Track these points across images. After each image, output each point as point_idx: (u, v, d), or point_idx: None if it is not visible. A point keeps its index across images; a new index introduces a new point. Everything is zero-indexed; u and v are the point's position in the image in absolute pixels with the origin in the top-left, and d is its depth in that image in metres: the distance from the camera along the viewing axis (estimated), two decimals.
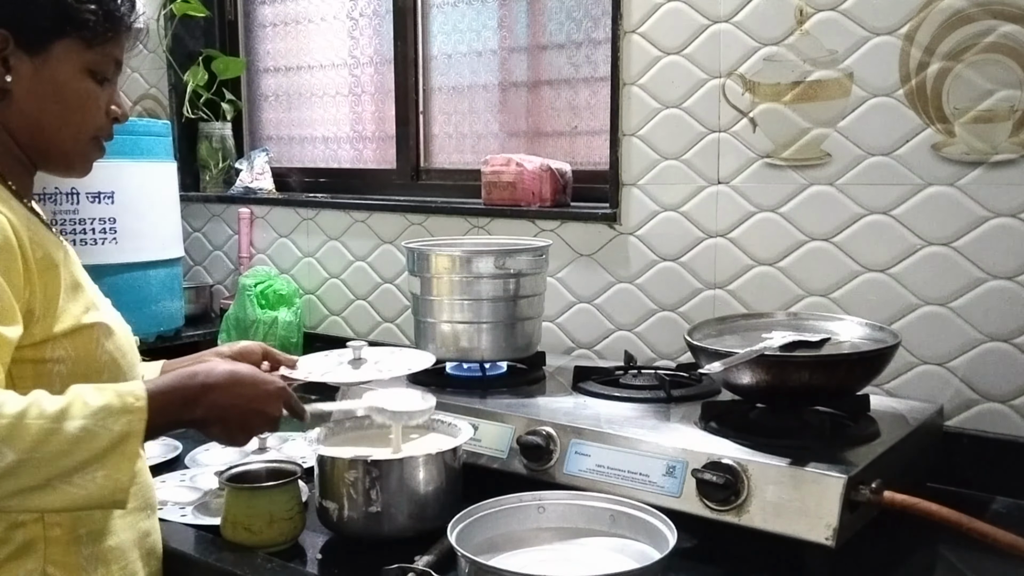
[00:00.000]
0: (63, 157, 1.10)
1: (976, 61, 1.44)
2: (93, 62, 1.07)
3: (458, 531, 1.09)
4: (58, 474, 0.90)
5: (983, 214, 1.46)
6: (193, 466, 1.57)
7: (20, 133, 1.06)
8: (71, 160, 1.11)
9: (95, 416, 0.92)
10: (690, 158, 1.73)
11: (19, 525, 1.01)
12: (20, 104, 1.04)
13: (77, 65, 1.06)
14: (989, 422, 1.48)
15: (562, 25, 2.07)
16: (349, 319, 2.32)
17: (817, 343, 1.34)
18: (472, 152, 2.26)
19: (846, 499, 1.10)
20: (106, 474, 0.92)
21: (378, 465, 1.22)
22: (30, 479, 0.89)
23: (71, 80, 1.06)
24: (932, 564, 1.25)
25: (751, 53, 1.64)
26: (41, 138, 1.07)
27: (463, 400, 1.47)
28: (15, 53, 1.03)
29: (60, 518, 1.03)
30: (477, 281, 1.55)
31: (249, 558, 1.21)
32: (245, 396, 1.08)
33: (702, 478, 1.17)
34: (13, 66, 1.03)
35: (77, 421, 0.91)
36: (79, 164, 1.12)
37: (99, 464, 0.92)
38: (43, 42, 1.03)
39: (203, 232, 2.63)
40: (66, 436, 0.90)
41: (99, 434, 0.92)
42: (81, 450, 0.91)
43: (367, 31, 2.45)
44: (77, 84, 1.07)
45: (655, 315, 1.81)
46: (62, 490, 0.90)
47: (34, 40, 1.03)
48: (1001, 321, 1.46)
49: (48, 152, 1.09)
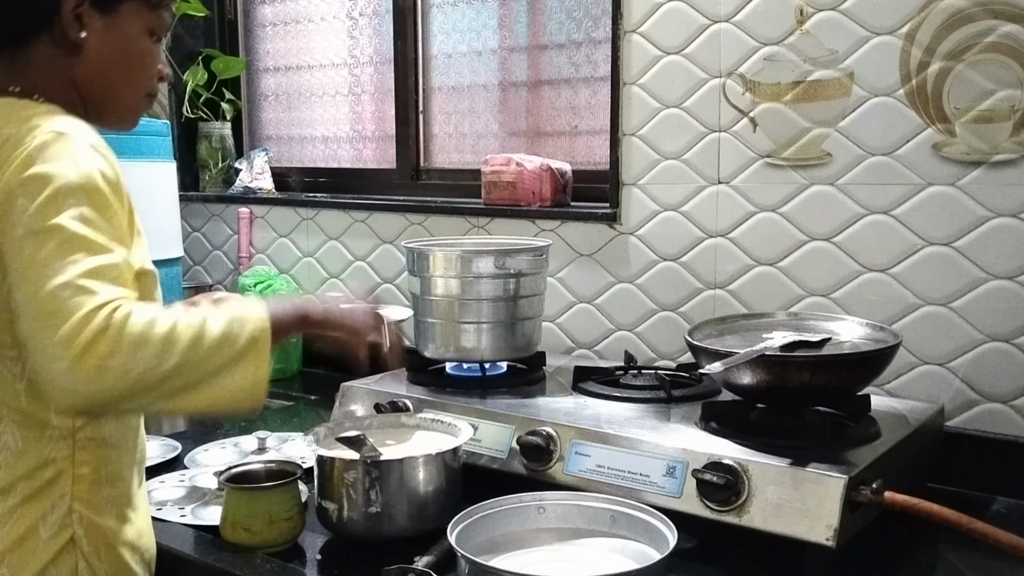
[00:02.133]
0: (122, 110, 1.17)
1: (977, 61, 1.44)
2: (153, 23, 1.14)
3: (458, 531, 1.09)
4: (208, 373, 0.97)
5: (984, 214, 1.46)
6: (193, 466, 1.57)
7: (86, 87, 1.11)
8: (128, 114, 1.18)
9: (230, 323, 0.99)
10: (690, 158, 1.73)
11: (49, 462, 1.05)
12: (90, 59, 1.10)
13: (141, 25, 1.13)
14: (990, 422, 1.48)
15: (562, 25, 2.07)
16: None
17: (818, 343, 1.34)
18: (472, 152, 2.25)
19: (847, 499, 1.10)
20: (245, 374, 0.99)
21: (378, 465, 1.21)
22: (186, 380, 0.96)
23: (136, 39, 1.13)
24: (933, 564, 1.25)
25: (751, 53, 1.64)
26: (105, 92, 1.13)
27: (463, 400, 1.47)
28: (88, 11, 1.09)
29: (88, 457, 1.07)
30: (477, 281, 1.55)
31: (248, 559, 1.21)
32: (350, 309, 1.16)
33: (702, 478, 1.17)
34: (86, 23, 1.09)
35: (218, 326, 0.98)
36: (133, 118, 1.20)
37: (239, 364, 0.99)
38: (115, 2, 1.10)
39: (203, 232, 2.63)
40: (212, 339, 0.97)
41: (238, 336, 0.99)
42: (224, 352, 0.98)
43: (367, 31, 2.45)
44: (141, 43, 1.14)
45: (655, 315, 1.81)
46: (210, 389, 0.97)
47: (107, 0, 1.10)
48: (1002, 321, 1.46)
49: (108, 105, 1.14)
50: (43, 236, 0.94)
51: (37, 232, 0.94)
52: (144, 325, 0.93)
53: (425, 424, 1.39)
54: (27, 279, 0.93)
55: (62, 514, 1.06)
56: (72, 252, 0.93)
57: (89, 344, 0.90)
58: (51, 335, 0.90)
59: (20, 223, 0.94)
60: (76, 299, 0.91)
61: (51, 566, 1.05)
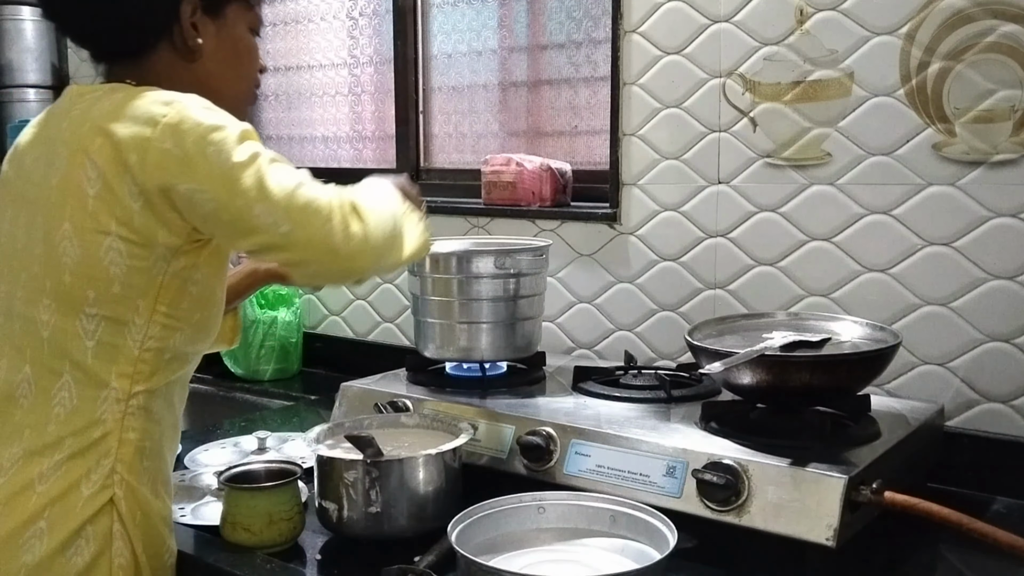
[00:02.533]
0: (235, 102, 1.23)
1: (976, 61, 1.44)
2: (253, 20, 1.26)
3: (458, 531, 1.09)
4: (406, 226, 1.21)
5: (984, 214, 1.46)
6: (193, 466, 1.57)
7: (204, 85, 1.18)
8: (241, 104, 1.26)
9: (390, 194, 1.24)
10: (690, 158, 1.73)
11: (100, 422, 1.09)
12: (207, 61, 1.19)
13: (244, 24, 1.24)
14: (990, 422, 1.48)
15: (562, 25, 2.07)
16: (349, 319, 2.32)
17: (818, 343, 1.34)
18: (472, 152, 2.25)
19: (847, 499, 1.10)
20: (421, 229, 1.24)
21: (378, 465, 1.21)
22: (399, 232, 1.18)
23: (242, 37, 1.24)
24: (933, 564, 1.25)
25: (751, 53, 1.64)
26: (221, 88, 1.21)
27: (463, 400, 1.47)
28: (202, 19, 1.18)
29: (136, 424, 1.11)
30: (477, 281, 1.55)
31: (248, 558, 1.21)
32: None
33: (702, 478, 1.17)
34: (201, 30, 1.18)
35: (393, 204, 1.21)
36: (245, 108, 1.27)
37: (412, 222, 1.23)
38: (221, 5, 1.20)
39: None
40: (392, 210, 1.19)
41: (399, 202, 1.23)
42: (405, 218, 1.22)
43: (367, 31, 2.45)
44: (246, 40, 1.25)
45: (655, 315, 1.81)
46: (409, 239, 1.20)
47: (215, 4, 1.20)
48: (1002, 321, 1.46)
49: (224, 100, 1.17)
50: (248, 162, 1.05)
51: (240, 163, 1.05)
52: (364, 199, 1.14)
53: (425, 424, 1.39)
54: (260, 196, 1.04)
55: (104, 474, 1.08)
56: (279, 162, 1.09)
57: (349, 218, 1.09)
58: (318, 222, 1.06)
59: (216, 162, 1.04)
60: (316, 190, 1.08)
61: (88, 524, 1.07)
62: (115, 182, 1.04)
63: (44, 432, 1.07)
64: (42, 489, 1.06)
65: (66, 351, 1.08)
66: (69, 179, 1.06)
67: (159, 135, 1.03)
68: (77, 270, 1.06)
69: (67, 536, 1.05)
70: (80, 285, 1.06)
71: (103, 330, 1.07)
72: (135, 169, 1.03)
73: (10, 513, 1.05)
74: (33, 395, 1.09)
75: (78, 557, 1.06)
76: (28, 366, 1.09)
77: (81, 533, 1.06)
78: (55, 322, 1.08)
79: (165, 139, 1.03)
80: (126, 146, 1.03)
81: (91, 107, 1.09)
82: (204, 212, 1.05)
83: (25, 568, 1.04)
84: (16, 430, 1.08)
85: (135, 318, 1.08)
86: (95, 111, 1.08)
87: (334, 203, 1.09)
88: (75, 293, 1.06)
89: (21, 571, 1.04)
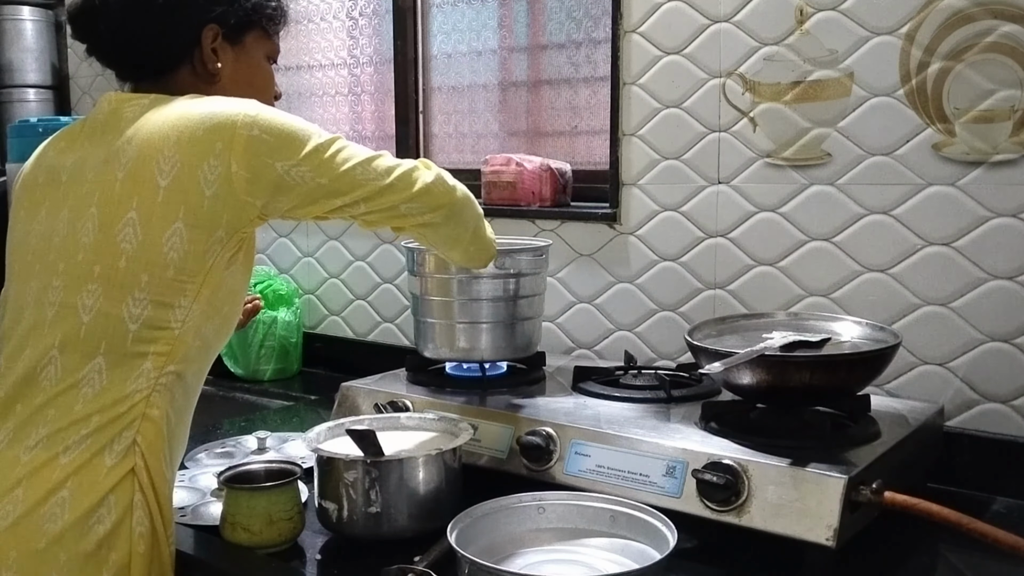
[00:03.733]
0: None
1: (976, 61, 1.44)
2: (270, 49, 1.31)
3: (458, 532, 1.09)
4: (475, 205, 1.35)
5: (983, 214, 1.46)
6: (193, 466, 1.57)
7: None
8: None
9: None
10: (690, 158, 1.73)
11: (126, 398, 1.10)
12: (225, 85, 1.24)
13: (262, 52, 1.30)
14: (990, 422, 1.48)
15: (562, 25, 2.07)
16: (349, 319, 2.32)
17: (818, 343, 1.34)
18: (472, 152, 2.25)
19: (847, 499, 1.10)
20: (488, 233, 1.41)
21: (378, 465, 1.22)
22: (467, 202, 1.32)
23: (260, 65, 1.30)
24: (933, 565, 1.25)
25: (751, 53, 1.64)
26: None
27: (463, 400, 1.47)
28: (222, 45, 1.24)
29: (159, 401, 1.13)
30: (477, 281, 1.55)
31: (248, 559, 1.21)
32: None
33: (702, 478, 1.17)
34: (220, 55, 1.24)
35: None
36: None
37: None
38: (241, 34, 1.26)
39: None
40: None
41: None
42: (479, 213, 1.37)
43: (367, 31, 2.45)
44: (263, 68, 1.31)
45: (655, 315, 1.81)
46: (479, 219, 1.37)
47: (235, 33, 1.25)
48: (1002, 321, 1.46)
49: None
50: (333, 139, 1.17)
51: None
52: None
53: (425, 424, 1.39)
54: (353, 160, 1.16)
55: (127, 444, 1.10)
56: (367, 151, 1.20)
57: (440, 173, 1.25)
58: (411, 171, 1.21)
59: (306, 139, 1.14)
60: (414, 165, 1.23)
61: (111, 494, 1.08)
62: (191, 173, 1.09)
63: (71, 411, 1.09)
64: (65, 461, 1.08)
65: (106, 334, 1.10)
66: (138, 174, 1.10)
67: (244, 124, 1.10)
68: (136, 255, 1.09)
69: (90, 505, 1.07)
70: (134, 270, 1.09)
71: (149, 312, 1.10)
72: (222, 155, 1.08)
73: (33, 486, 1.07)
74: (58, 378, 1.10)
75: (100, 525, 1.07)
76: (56, 351, 1.11)
77: (103, 502, 1.08)
78: (99, 306, 1.10)
79: (252, 127, 1.10)
80: (208, 138, 1.09)
81: (150, 111, 1.14)
82: (300, 186, 1.13)
83: (47, 536, 1.05)
84: (38, 411, 1.10)
85: (181, 300, 1.11)
86: (160, 115, 1.13)
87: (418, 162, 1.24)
88: (128, 278, 1.09)
89: (43, 539, 1.05)
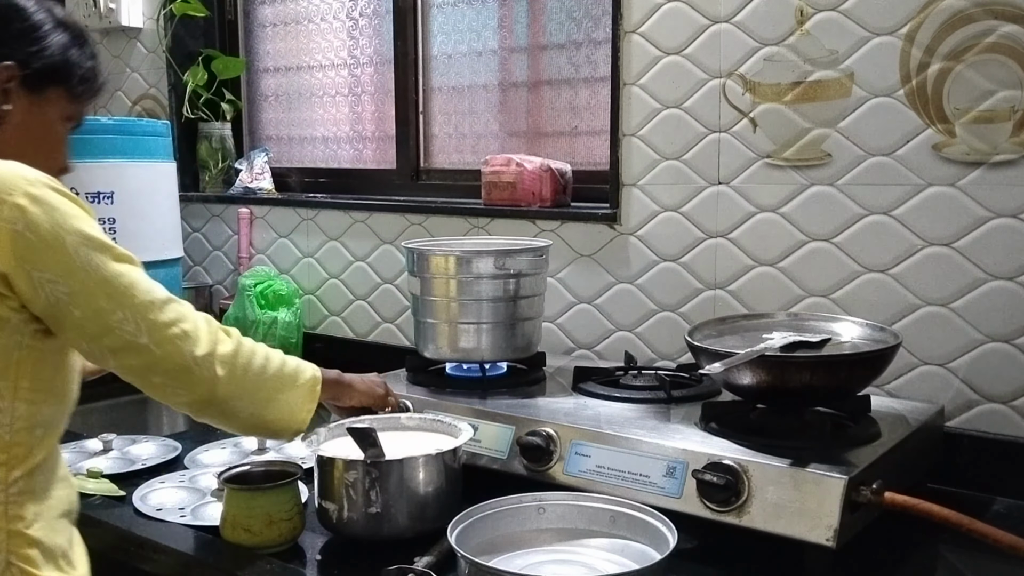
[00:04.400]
0: None
1: (976, 61, 1.44)
2: (71, 112, 1.19)
3: (458, 532, 1.09)
4: (278, 388, 1.18)
5: (984, 214, 1.46)
6: (193, 467, 1.57)
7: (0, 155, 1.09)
8: None
9: (294, 361, 1.22)
10: (690, 158, 1.73)
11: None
12: (9, 131, 1.13)
13: (61, 112, 1.18)
14: (990, 423, 1.48)
15: (562, 25, 2.07)
16: (349, 319, 2.32)
17: (818, 343, 1.34)
18: (472, 152, 2.25)
19: (847, 500, 1.10)
20: (299, 402, 1.22)
21: (378, 466, 1.21)
22: (249, 389, 1.14)
23: (54, 123, 1.18)
24: (933, 565, 1.25)
25: (751, 53, 1.64)
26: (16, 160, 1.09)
27: (463, 400, 1.47)
28: (17, 88, 1.13)
29: (21, 510, 1.04)
30: (477, 281, 1.55)
31: (248, 559, 1.21)
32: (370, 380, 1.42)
33: (702, 479, 1.17)
34: (13, 98, 1.13)
35: (284, 358, 1.21)
36: None
37: (296, 391, 1.21)
38: (43, 85, 1.15)
39: (203, 232, 2.63)
40: (281, 362, 1.19)
41: (303, 370, 1.23)
42: (287, 377, 1.20)
43: (367, 31, 2.45)
44: (57, 128, 1.18)
45: (655, 315, 1.81)
46: (267, 404, 1.17)
47: (36, 81, 1.14)
48: (1002, 321, 1.46)
49: None
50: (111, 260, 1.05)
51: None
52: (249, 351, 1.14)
53: (425, 424, 1.39)
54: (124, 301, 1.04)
55: (1, 568, 1.02)
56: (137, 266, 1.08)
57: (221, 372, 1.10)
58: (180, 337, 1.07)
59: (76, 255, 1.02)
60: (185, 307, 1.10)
61: None
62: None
63: None
64: None
65: None
66: None
67: (8, 215, 0.97)
68: None
69: None
70: None
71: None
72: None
73: None
74: None
75: None
76: None
77: None
78: None
79: (16, 220, 0.98)
80: None
81: None
82: (52, 303, 1.00)
83: None
84: None
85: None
86: None
87: (200, 321, 1.10)
88: None
89: None
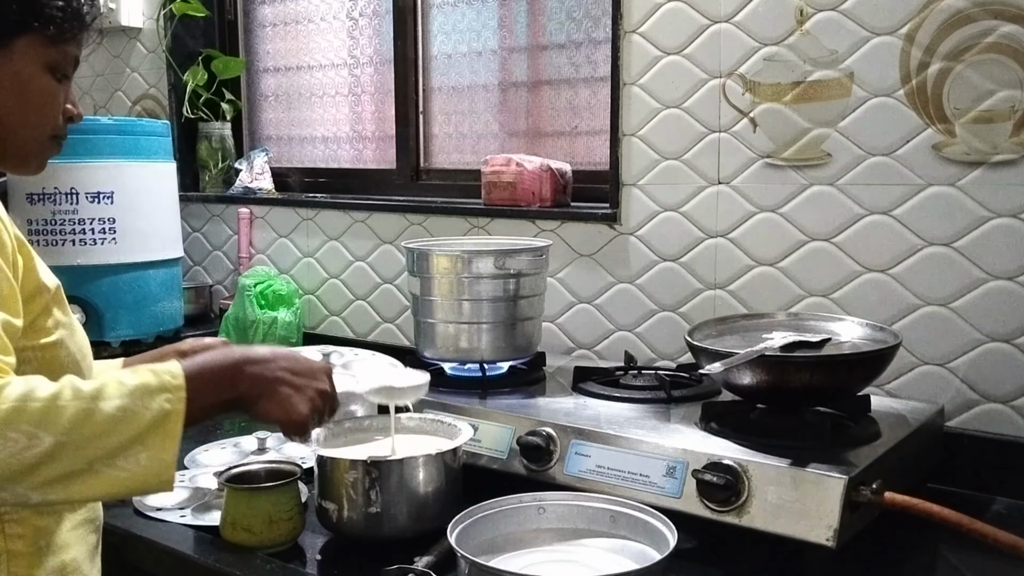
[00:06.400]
0: (19, 154, 1.06)
1: (976, 61, 1.44)
2: (54, 59, 1.03)
3: (458, 532, 1.09)
4: (100, 456, 0.87)
5: (983, 214, 1.46)
6: (193, 466, 1.57)
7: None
8: (27, 158, 1.07)
9: (132, 395, 0.89)
10: (690, 158, 1.73)
11: None
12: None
13: (39, 61, 1.02)
14: (990, 423, 1.48)
15: (562, 25, 2.07)
16: (349, 319, 2.32)
17: (818, 343, 1.34)
18: (472, 152, 2.25)
19: (847, 500, 1.10)
20: (149, 455, 0.89)
21: (378, 466, 1.21)
22: (71, 463, 0.86)
23: (33, 77, 1.02)
24: (933, 565, 1.25)
25: (751, 53, 1.64)
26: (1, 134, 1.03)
27: (463, 401, 1.47)
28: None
29: (22, 530, 1.00)
30: (477, 281, 1.55)
31: (248, 559, 1.21)
32: (289, 369, 1.04)
33: (702, 479, 1.17)
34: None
35: (114, 401, 0.88)
36: (34, 162, 1.08)
37: (141, 445, 0.88)
38: (7, 36, 1.00)
39: (203, 232, 2.63)
40: (105, 416, 0.87)
41: (139, 413, 0.88)
42: (121, 430, 0.87)
43: (367, 31, 2.45)
44: (38, 81, 1.03)
45: (655, 315, 1.81)
46: (105, 474, 0.87)
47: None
48: (1002, 321, 1.46)
49: (4, 148, 1.04)
50: None
51: None
52: (15, 400, 0.84)
53: (425, 424, 1.39)
54: None
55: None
56: None
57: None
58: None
59: None
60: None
61: None
62: None
63: None
64: None
65: None
66: None
67: None
68: None
69: None
70: None
71: None
72: None
73: None
74: None
75: None
76: None
77: None
78: None
79: None
80: None
81: None
82: None
83: None
84: None
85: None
86: None
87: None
88: None
89: None
